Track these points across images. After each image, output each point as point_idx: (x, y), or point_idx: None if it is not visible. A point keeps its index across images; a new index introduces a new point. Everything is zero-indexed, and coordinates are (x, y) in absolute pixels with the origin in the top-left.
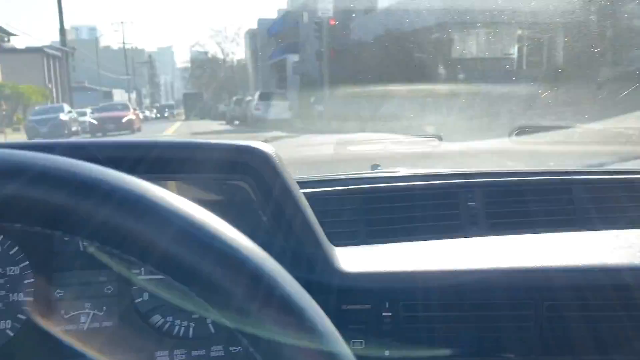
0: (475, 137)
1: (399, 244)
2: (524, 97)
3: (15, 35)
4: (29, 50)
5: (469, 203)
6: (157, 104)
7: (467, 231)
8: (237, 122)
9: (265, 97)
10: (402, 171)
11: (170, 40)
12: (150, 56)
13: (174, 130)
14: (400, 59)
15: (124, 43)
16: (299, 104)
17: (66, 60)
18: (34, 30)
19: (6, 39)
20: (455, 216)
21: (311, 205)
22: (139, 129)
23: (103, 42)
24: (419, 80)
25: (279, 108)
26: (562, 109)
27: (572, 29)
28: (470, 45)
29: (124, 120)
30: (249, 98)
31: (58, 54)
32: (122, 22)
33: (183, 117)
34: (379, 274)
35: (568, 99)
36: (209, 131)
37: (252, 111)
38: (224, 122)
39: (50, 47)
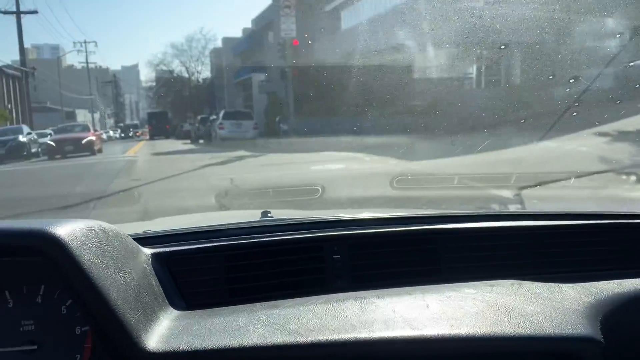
0: (431, 155)
1: (251, 305)
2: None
3: None
4: None
5: (335, 256)
6: (122, 124)
7: (332, 285)
8: (201, 141)
9: (229, 116)
10: (289, 218)
11: (135, 58)
12: (114, 75)
13: (136, 151)
14: (362, 79)
15: (87, 62)
16: (264, 122)
17: (26, 81)
18: None
19: None
20: (321, 270)
21: (174, 264)
22: (99, 151)
23: (66, 62)
24: (381, 99)
25: (243, 127)
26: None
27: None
28: (433, 67)
29: (83, 141)
30: (213, 117)
31: (18, 73)
32: (85, 41)
33: (147, 136)
34: (191, 352)
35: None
36: (172, 150)
37: (216, 130)
38: (188, 141)
39: (9, 66)
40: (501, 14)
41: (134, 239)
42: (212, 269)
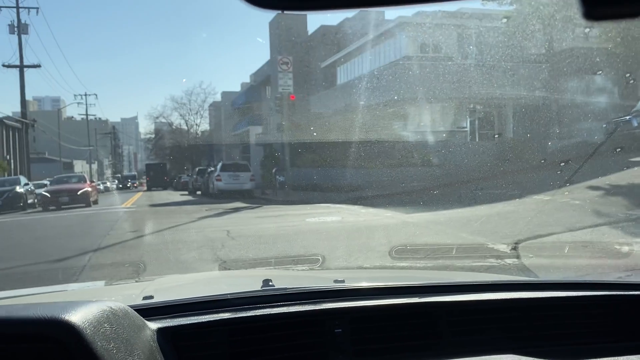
0: (432, 205)
1: None
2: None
3: None
4: None
5: (336, 330)
6: (119, 175)
7: None
8: (199, 193)
9: (227, 168)
10: (290, 288)
11: (134, 110)
12: (113, 127)
13: (133, 202)
14: (357, 132)
15: (86, 114)
16: (261, 174)
17: (26, 132)
18: None
19: None
20: (322, 344)
21: (178, 339)
22: (95, 202)
23: (66, 113)
24: (375, 152)
25: (240, 179)
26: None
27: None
28: (425, 120)
29: (79, 192)
30: (211, 169)
31: (18, 125)
32: (85, 94)
33: (145, 187)
34: None
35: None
36: (169, 202)
37: (214, 182)
38: (186, 192)
39: (10, 118)
40: (494, 69)
41: (139, 310)
42: (216, 344)
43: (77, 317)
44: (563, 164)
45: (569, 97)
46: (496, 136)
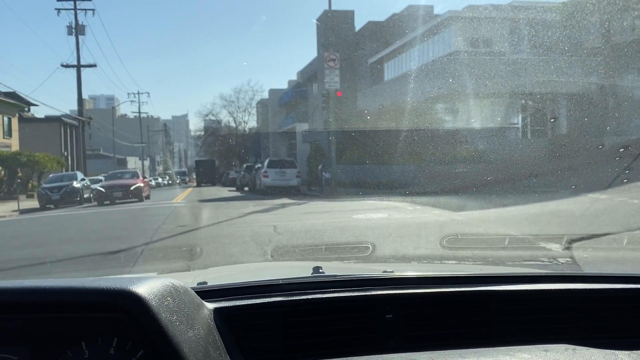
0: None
1: None
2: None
3: (35, 105)
4: (48, 120)
5: (387, 315)
6: (170, 171)
7: (385, 345)
8: (246, 189)
9: (274, 164)
10: (341, 275)
11: (185, 108)
12: (165, 124)
13: (183, 198)
14: (403, 129)
15: (139, 112)
16: (307, 170)
17: (82, 129)
18: (54, 99)
19: (26, 109)
20: (373, 329)
21: (234, 319)
22: (147, 197)
23: (120, 111)
24: (422, 149)
25: (287, 175)
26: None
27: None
28: (475, 116)
29: (132, 188)
30: (258, 165)
31: (75, 122)
32: (138, 92)
33: (195, 183)
34: None
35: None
36: (218, 197)
37: (261, 178)
38: (234, 188)
39: (67, 116)
40: (546, 64)
41: (196, 292)
42: (270, 325)
43: (143, 289)
44: (622, 149)
45: (628, 91)
46: (551, 120)
